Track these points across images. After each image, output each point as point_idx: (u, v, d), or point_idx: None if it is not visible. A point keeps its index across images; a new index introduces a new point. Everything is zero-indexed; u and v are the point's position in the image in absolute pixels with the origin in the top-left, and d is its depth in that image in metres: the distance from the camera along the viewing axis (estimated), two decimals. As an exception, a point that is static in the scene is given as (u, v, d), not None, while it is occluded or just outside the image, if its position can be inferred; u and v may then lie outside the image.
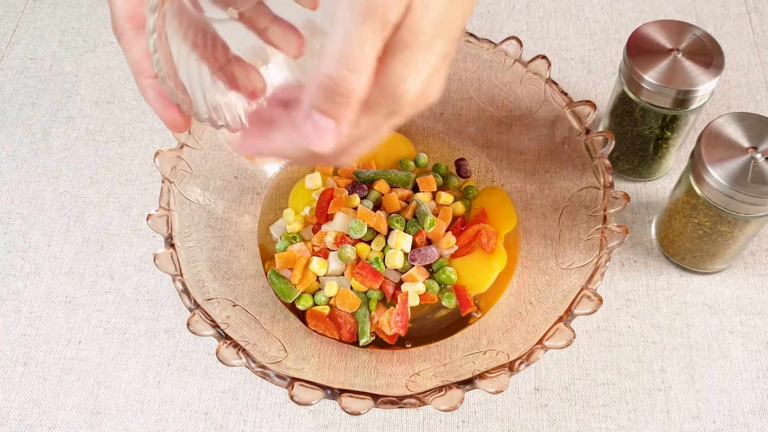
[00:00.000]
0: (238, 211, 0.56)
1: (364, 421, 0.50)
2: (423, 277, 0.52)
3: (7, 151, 0.64)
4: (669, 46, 0.53)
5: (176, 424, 0.50)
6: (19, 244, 0.58)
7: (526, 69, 0.55)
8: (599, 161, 0.50)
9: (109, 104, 0.66)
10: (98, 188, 0.61)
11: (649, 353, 0.53)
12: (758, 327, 0.54)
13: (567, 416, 0.50)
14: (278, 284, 0.52)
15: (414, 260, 0.53)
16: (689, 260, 0.55)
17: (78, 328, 0.54)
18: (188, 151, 0.52)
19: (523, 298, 0.51)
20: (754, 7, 0.71)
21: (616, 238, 0.47)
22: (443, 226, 0.54)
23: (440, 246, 0.54)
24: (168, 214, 0.49)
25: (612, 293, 0.55)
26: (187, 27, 0.35)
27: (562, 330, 0.44)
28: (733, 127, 0.49)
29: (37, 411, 0.51)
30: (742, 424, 0.50)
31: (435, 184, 0.56)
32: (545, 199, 0.55)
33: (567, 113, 0.53)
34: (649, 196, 0.60)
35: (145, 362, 0.53)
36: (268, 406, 0.51)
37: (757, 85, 0.66)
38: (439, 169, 0.58)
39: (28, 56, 0.70)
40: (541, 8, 0.72)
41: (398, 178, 0.56)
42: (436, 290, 0.53)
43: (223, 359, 0.43)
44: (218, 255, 0.52)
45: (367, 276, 0.51)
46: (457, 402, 0.41)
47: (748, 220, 0.49)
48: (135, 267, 0.57)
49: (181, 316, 0.55)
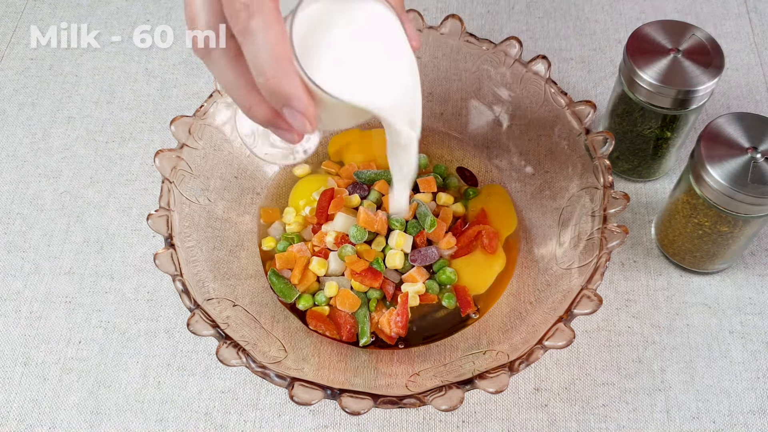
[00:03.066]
0: (238, 211, 0.56)
1: (364, 421, 0.50)
2: (423, 277, 0.52)
3: (7, 151, 0.64)
4: (669, 46, 0.53)
5: (176, 424, 0.50)
6: (19, 244, 0.58)
7: (526, 69, 0.55)
8: (599, 161, 0.50)
9: (109, 104, 0.66)
10: (98, 188, 0.61)
11: (648, 353, 0.53)
12: (758, 327, 0.54)
13: (567, 416, 0.50)
14: (278, 284, 0.52)
15: (414, 261, 0.53)
16: (689, 260, 0.55)
17: (78, 328, 0.54)
18: (188, 151, 0.52)
19: (523, 298, 0.51)
20: (754, 7, 0.71)
21: (616, 238, 0.47)
22: (443, 226, 0.54)
23: (440, 246, 0.54)
24: (168, 214, 0.49)
25: (612, 293, 0.55)
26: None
27: (562, 330, 0.44)
28: (733, 127, 0.49)
29: (37, 411, 0.51)
30: (742, 424, 0.50)
31: (435, 184, 0.56)
32: (545, 199, 0.55)
33: (567, 113, 0.53)
34: (649, 196, 0.60)
35: (145, 362, 0.53)
36: (268, 406, 0.51)
37: (757, 85, 0.66)
38: (439, 170, 0.58)
39: (28, 56, 0.70)
40: (541, 8, 0.72)
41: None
42: (436, 291, 0.53)
43: (223, 359, 0.43)
44: (218, 255, 0.52)
45: (367, 276, 0.51)
46: (457, 402, 0.41)
47: (748, 220, 0.49)
48: (135, 267, 0.57)
49: (181, 316, 0.55)
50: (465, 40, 0.57)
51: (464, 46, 0.57)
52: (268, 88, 0.35)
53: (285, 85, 0.34)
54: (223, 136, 0.55)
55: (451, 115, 0.61)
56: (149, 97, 0.67)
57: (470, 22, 0.71)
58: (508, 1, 0.73)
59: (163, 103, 0.66)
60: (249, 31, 0.33)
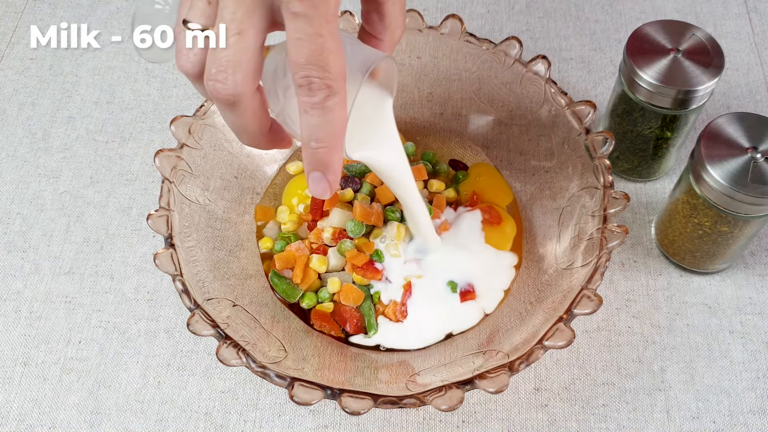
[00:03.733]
0: (238, 211, 0.56)
1: (364, 421, 0.50)
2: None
3: (7, 151, 0.64)
4: (669, 46, 0.53)
5: (176, 424, 0.50)
6: (19, 244, 0.58)
7: (526, 69, 0.55)
8: (599, 161, 0.50)
9: (109, 104, 0.66)
10: (98, 188, 0.61)
11: (649, 353, 0.53)
12: (758, 327, 0.54)
13: (567, 416, 0.50)
14: (281, 285, 0.52)
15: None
16: (689, 260, 0.55)
17: (78, 328, 0.54)
18: (188, 151, 0.52)
19: (523, 298, 0.51)
20: (754, 7, 0.71)
21: (616, 238, 0.47)
22: (439, 213, 0.54)
23: (439, 233, 0.54)
24: (168, 214, 0.49)
25: (612, 293, 0.55)
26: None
27: (562, 330, 0.44)
28: (733, 127, 0.49)
29: (37, 411, 0.51)
30: (742, 424, 0.50)
31: (425, 172, 0.56)
32: (545, 199, 0.55)
33: (567, 113, 0.53)
34: (649, 196, 0.60)
35: (145, 362, 0.53)
36: (268, 406, 0.51)
37: (757, 85, 0.66)
38: (427, 157, 0.59)
39: (28, 56, 0.70)
40: (541, 8, 0.72)
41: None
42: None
43: (223, 359, 0.43)
44: (218, 255, 0.52)
45: (369, 269, 0.52)
46: (457, 402, 0.41)
47: (748, 220, 0.49)
48: (135, 267, 0.57)
49: (181, 316, 0.55)
50: (465, 40, 0.57)
51: (464, 46, 0.57)
52: (315, 155, 0.37)
53: (333, 157, 0.37)
54: (223, 136, 0.55)
55: (451, 115, 0.61)
56: (149, 97, 0.67)
57: (470, 22, 0.71)
58: (508, 1, 0.73)
59: (163, 103, 0.66)
60: (324, 107, 0.35)
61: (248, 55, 0.35)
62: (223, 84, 0.35)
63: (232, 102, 0.36)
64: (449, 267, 0.53)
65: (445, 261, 0.53)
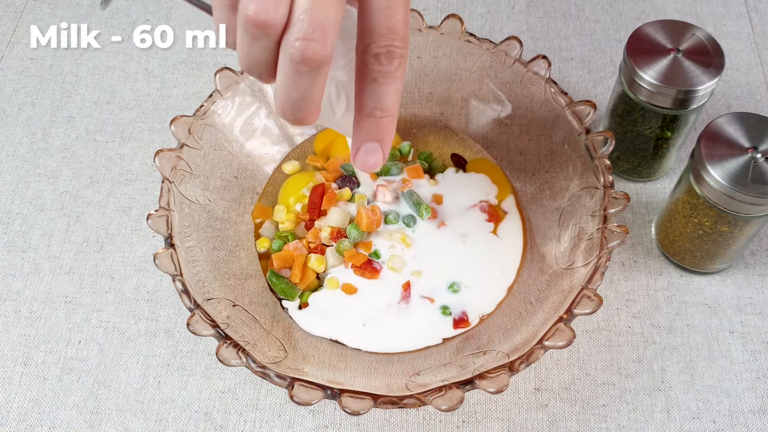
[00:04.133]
0: (238, 211, 0.56)
1: (364, 421, 0.50)
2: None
3: (7, 151, 0.64)
4: (669, 46, 0.53)
5: (176, 424, 0.50)
6: (19, 244, 0.58)
7: (526, 69, 0.55)
8: (599, 161, 0.50)
9: (109, 104, 0.66)
10: (98, 188, 0.61)
11: (649, 353, 0.53)
12: (758, 327, 0.54)
13: (567, 416, 0.50)
14: (279, 285, 0.52)
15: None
16: (689, 260, 0.55)
17: (78, 328, 0.54)
18: (188, 151, 0.52)
19: (523, 298, 0.51)
20: (754, 7, 0.71)
21: (616, 238, 0.47)
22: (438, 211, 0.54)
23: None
24: (168, 214, 0.49)
25: (612, 293, 0.55)
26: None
27: (562, 330, 0.44)
28: (733, 127, 0.49)
29: (37, 411, 0.51)
30: (742, 424, 0.50)
31: (422, 171, 0.57)
32: (545, 199, 0.55)
33: (567, 113, 0.53)
34: (649, 196, 0.60)
35: (145, 362, 0.53)
36: (268, 406, 0.51)
37: (757, 85, 0.66)
38: (423, 156, 0.59)
39: (28, 56, 0.70)
40: (541, 8, 0.72)
41: (386, 169, 0.56)
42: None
43: (223, 359, 0.43)
44: (218, 255, 0.52)
45: (368, 269, 0.52)
46: (457, 402, 0.41)
47: (748, 220, 0.49)
48: (135, 267, 0.57)
49: (181, 316, 0.55)
50: (465, 40, 0.57)
51: (464, 46, 0.57)
52: (379, 124, 0.36)
53: (393, 126, 0.37)
54: (223, 136, 0.55)
55: (451, 115, 0.61)
56: (149, 97, 0.67)
57: (470, 22, 0.71)
58: (508, 1, 0.73)
59: (163, 103, 0.66)
60: (395, 76, 0.35)
61: (340, 15, 0.33)
62: (321, 44, 0.32)
63: (320, 64, 0.33)
64: (449, 266, 0.53)
65: (446, 259, 0.53)
